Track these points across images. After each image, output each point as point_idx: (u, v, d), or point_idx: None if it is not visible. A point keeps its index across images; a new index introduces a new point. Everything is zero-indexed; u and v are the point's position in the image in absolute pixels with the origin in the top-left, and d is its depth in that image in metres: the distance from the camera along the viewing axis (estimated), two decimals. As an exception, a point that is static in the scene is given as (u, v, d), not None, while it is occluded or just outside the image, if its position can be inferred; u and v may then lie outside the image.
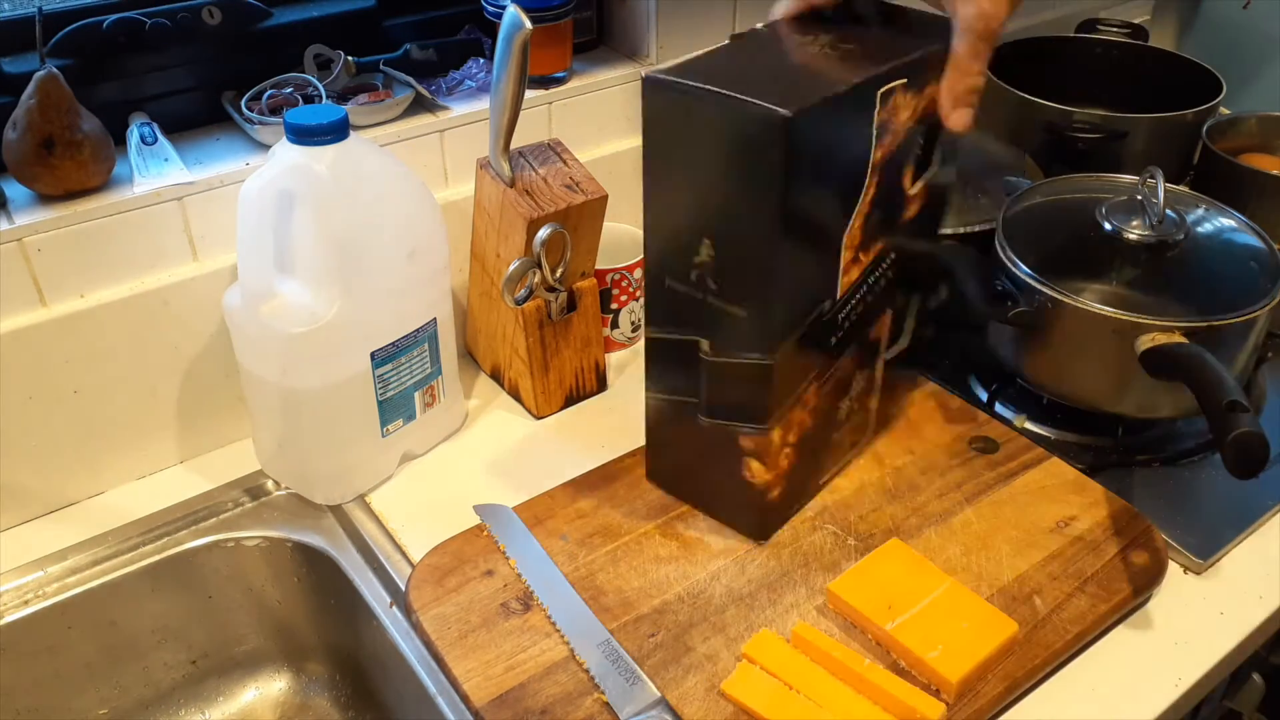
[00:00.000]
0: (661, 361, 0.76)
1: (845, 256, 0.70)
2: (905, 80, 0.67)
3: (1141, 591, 0.73)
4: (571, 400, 0.93)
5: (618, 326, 0.98)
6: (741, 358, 0.69)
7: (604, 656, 0.67)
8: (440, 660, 0.68)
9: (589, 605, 0.71)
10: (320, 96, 0.86)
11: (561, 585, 0.73)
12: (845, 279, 0.71)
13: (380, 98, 0.89)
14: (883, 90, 0.65)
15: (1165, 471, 0.87)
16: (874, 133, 0.67)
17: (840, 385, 0.77)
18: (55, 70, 0.73)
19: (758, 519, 0.76)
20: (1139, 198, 0.88)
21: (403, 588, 0.73)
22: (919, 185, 0.75)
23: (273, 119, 0.84)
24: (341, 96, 0.89)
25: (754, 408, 0.70)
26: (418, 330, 0.81)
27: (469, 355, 0.99)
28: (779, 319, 0.67)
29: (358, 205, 0.75)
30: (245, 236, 0.75)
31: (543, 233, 0.82)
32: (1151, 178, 0.88)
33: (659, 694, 0.64)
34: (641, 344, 1.01)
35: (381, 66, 0.91)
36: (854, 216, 0.69)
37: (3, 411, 0.77)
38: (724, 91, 0.61)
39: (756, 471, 0.73)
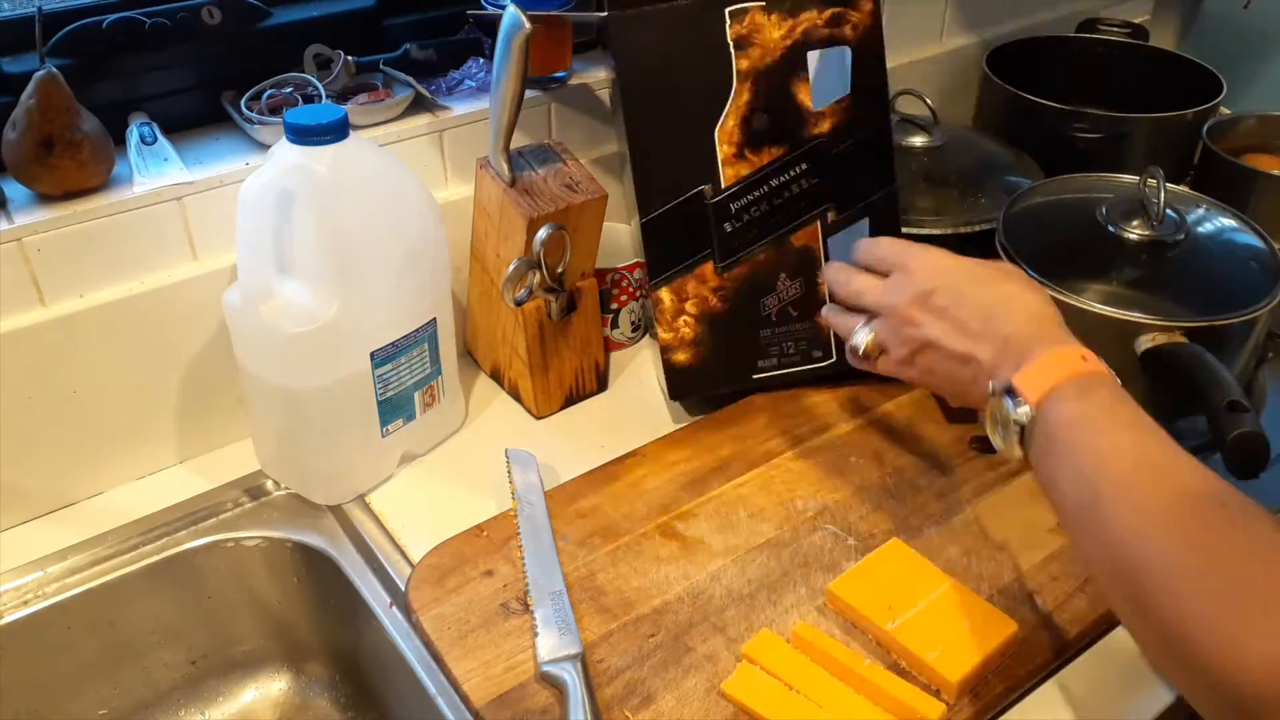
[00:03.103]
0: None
1: (725, 150, 0.84)
2: (763, 2, 0.82)
3: (1142, 591, 0.73)
4: (571, 400, 0.93)
5: (618, 326, 0.98)
6: (635, 220, 0.87)
7: (552, 606, 0.70)
8: (440, 660, 0.68)
9: (572, 593, 0.71)
10: (320, 96, 0.86)
11: (544, 532, 0.76)
12: (729, 170, 0.85)
13: (380, 97, 0.89)
14: (731, 8, 0.81)
15: (1165, 471, 0.86)
16: (731, 44, 0.82)
17: (760, 283, 0.88)
18: (55, 70, 0.73)
19: (668, 378, 0.88)
20: (1139, 198, 0.88)
21: (402, 588, 0.73)
22: (828, 106, 0.85)
23: (272, 119, 0.84)
24: (341, 96, 0.89)
25: (649, 266, 0.86)
26: (418, 330, 0.81)
27: (469, 355, 0.99)
28: (650, 186, 0.84)
29: (357, 205, 0.75)
30: (245, 236, 0.75)
31: (543, 233, 0.82)
32: (1152, 178, 0.88)
33: (580, 650, 0.67)
34: (641, 344, 1.01)
35: (381, 66, 0.91)
36: (725, 115, 0.84)
37: (3, 411, 0.77)
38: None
39: (658, 329, 0.87)
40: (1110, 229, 0.88)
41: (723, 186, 0.85)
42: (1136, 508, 0.54)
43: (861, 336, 0.73)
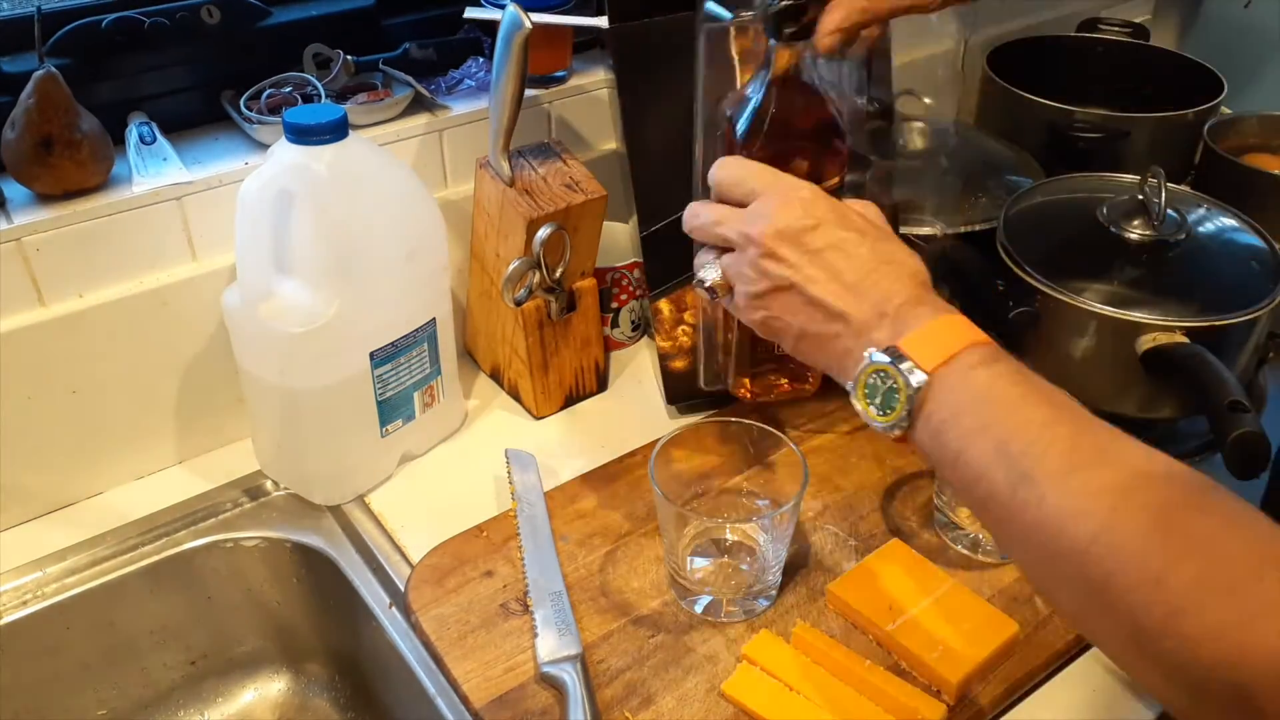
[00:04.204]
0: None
1: None
2: None
3: (1142, 592, 0.73)
4: (571, 400, 0.93)
5: (618, 326, 0.98)
6: (634, 220, 0.86)
7: (552, 606, 0.70)
8: (440, 661, 0.68)
9: (572, 593, 0.71)
10: (319, 96, 0.86)
11: (544, 533, 0.76)
12: None
13: (379, 97, 0.88)
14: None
15: (1166, 472, 0.86)
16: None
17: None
18: (54, 70, 0.73)
19: (665, 384, 0.89)
20: (1140, 198, 0.88)
21: (402, 588, 0.73)
22: None
23: (272, 118, 0.83)
24: (340, 96, 0.89)
25: (649, 278, 0.86)
26: (417, 330, 0.81)
27: (469, 355, 0.99)
28: (650, 200, 0.83)
29: (357, 205, 0.74)
30: (244, 236, 0.75)
31: (542, 232, 0.82)
32: (1153, 177, 0.88)
33: (580, 650, 0.67)
34: (641, 344, 1.01)
35: (381, 66, 0.91)
36: None
37: (2, 411, 0.76)
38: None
39: (657, 338, 0.88)
40: (1111, 229, 0.87)
41: None
42: (1085, 489, 0.47)
43: (709, 272, 0.63)
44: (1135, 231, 0.86)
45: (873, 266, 0.58)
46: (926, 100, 1.08)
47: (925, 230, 0.96)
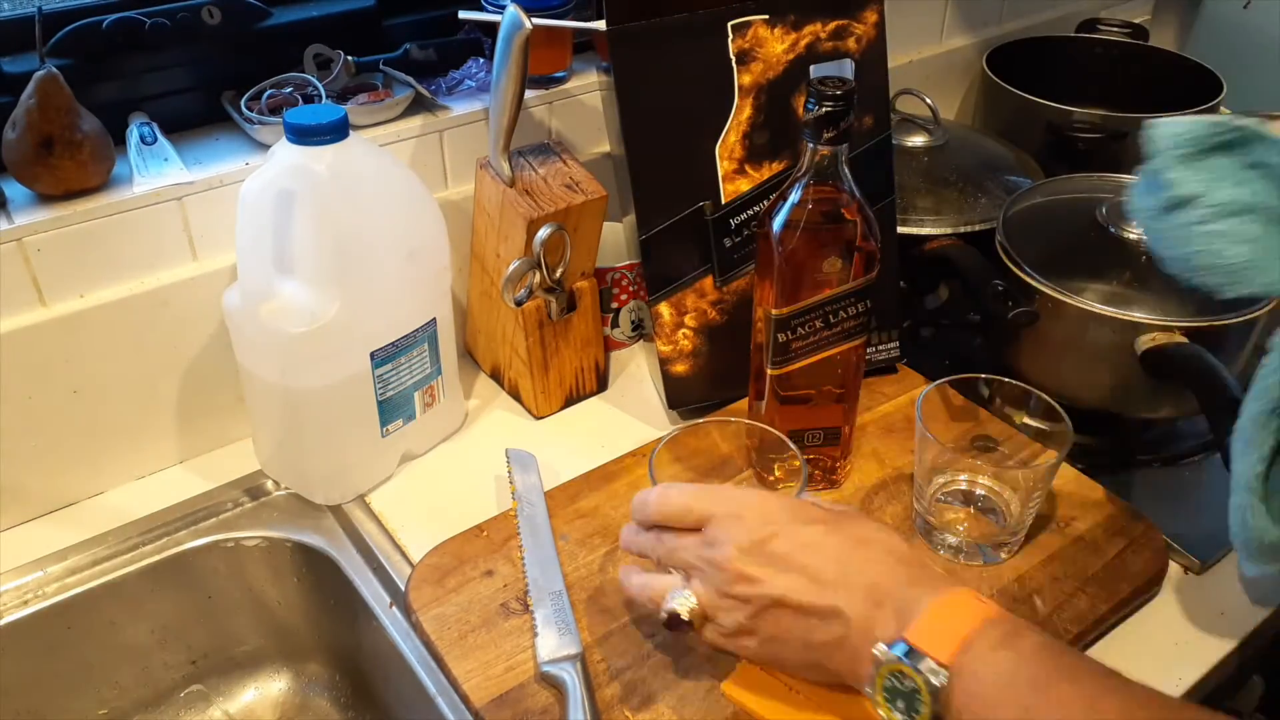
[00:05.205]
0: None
1: (725, 166, 0.83)
2: (766, 16, 0.80)
3: (1141, 591, 0.73)
4: (571, 400, 0.93)
5: (618, 326, 0.98)
6: (630, 219, 0.86)
7: (552, 606, 0.70)
8: (440, 660, 0.68)
9: (572, 593, 0.71)
10: (320, 96, 0.86)
11: (544, 532, 0.76)
12: (729, 186, 0.83)
13: (380, 97, 0.89)
14: (734, 22, 0.79)
15: (1165, 471, 0.87)
16: (733, 59, 0.80)
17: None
18: (55, 70, 0.73)
19: (666, 388, 0.89)
20: (1139, 197, 0.88)
21: (402, 588, 0.73)
22: None
23: (272, 119, 0.84)
24: (341, 96, 0.89)
25: (648, 281, 0.85)
26: (417, 330, 0.81)
27: (469, 355, 0.99)
28: (650, 203, 0.83)
29: (357, 205, 0.75)
30: (245, 236, 0.75)
31: (542, 233, 0.82)
32: (1152, 177, 0.88)
33: (580, 650, 0.67)
34: (641, 343, 1.01)
35: (381, 66, 0.91)
36: (726, 131, 0.82)
37: (3, 411, 0.77)
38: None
39: (657, 342, 0.87)
40: (1110, 229, 0.88)
41: (723, 202, 0.83)
42: None
43: (680, 601, 0.59)
44: (1134, 231, 0.87)
45: (848, 553, 0.57)
46: (926, 100, 1.08)
47: (925, 230, 0.97)
